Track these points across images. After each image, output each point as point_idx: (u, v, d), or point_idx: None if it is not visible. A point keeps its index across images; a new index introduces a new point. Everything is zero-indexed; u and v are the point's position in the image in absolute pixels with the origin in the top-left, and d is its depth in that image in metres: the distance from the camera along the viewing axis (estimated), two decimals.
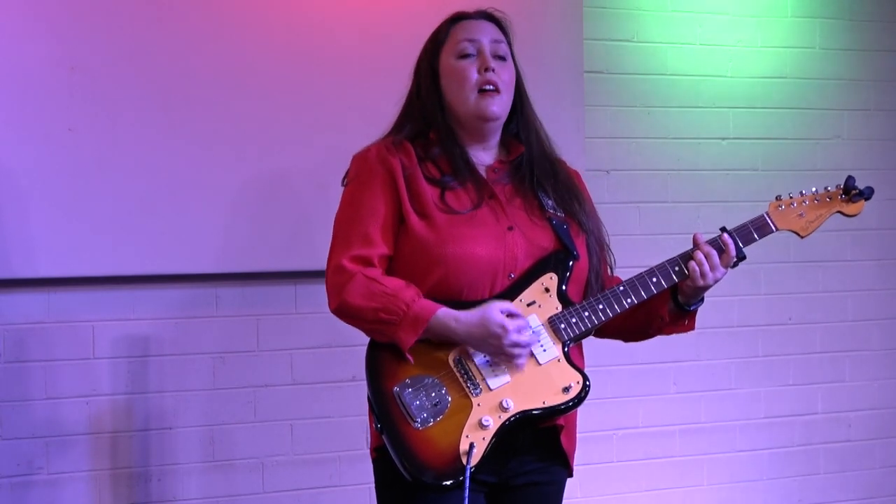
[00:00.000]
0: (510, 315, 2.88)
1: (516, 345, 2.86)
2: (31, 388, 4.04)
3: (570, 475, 3.07)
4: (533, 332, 2.91)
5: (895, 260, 5.18)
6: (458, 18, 3.07)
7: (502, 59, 3.02)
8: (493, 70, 2.98)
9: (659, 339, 3.19)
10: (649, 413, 4.81)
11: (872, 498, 5.13)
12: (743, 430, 4.95)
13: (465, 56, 3.00)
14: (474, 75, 2.98)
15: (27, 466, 4.03)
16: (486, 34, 3.02)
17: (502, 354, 2.87)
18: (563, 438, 2.98)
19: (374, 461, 3.01)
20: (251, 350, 4.26)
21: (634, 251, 4.11)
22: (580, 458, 3.11)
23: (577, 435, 3.09)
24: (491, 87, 2.98)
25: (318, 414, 4.31)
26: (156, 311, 4.15)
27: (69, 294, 4.05)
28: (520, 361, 2.88)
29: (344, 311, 2.92)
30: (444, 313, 2.87)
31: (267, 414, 4.27)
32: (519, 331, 2.87)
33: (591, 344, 3.14)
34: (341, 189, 3.05)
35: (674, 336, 3.18)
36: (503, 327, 2.85)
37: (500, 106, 3.01)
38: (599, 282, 3.07)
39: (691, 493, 4.87)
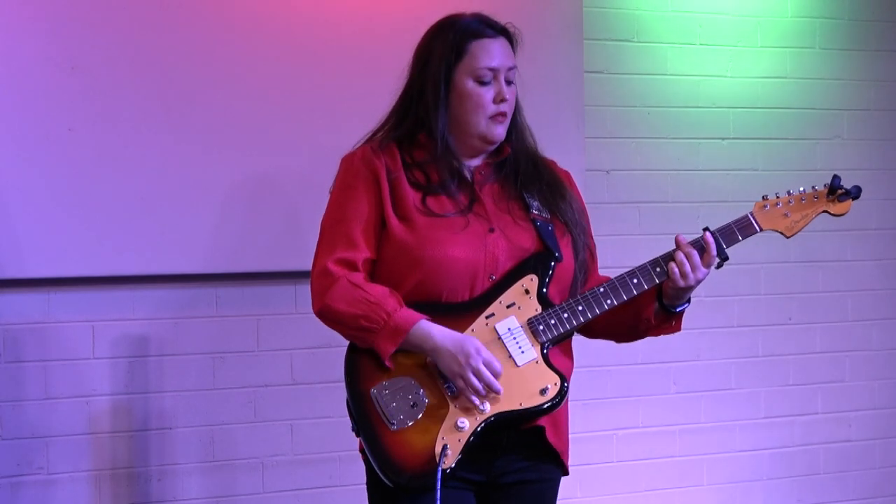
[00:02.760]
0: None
1: (477, 373, 2.86)
2: (30, 388, 4.03)
3: (566, 473, 3.06)
4: (514, 337, 2.91)
5: (895, 260, 5.18)
6: (477, 34, 3.03)
7: (511, 83, 3.02)
8: (507, 100, 2.99)
9: (659, 339, 3.19)
10: (649, 413, 4.81)
11: (872, 498, 5.13)
12: (743, 430, 4.95)
13: (483, 83, 2.99)
14: (490, 104, 2.98)
15: (27, 466, 4.03)
16: (504, 60, 2.99)
17: (460, 377, 2.87)
18: (551, 437, 2.98)
19: (364, 461, 3.02)
20: (251, 350, 4.26)
21: (634, 251, 4.10)
22: (580, 459, 3.12)
23: (577, 435, 3.09)
24: (501, 117, 2.99)
25: (318, 414, 4.31)
26: (155, 311, 4.15)
27: (69, 294, 4.05)
28: (471, 395, 2.88)
29: (326, 314, 2.94)
30: (424, 325, 2.88)
31: (267, 414, 4.27)
32: (487, 364, 2.86)
33: (591, 344, 3.14)
34: (330, 191, 3.06)
35: (673, 336, 3.18)
36: (477, 350, 2.86)
37: (505, 128, 3.02)
38: (587, 282, 3.07)
39: (691, 493, 4.87)
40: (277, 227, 4.21)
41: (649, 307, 3.05)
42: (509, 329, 2.92)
